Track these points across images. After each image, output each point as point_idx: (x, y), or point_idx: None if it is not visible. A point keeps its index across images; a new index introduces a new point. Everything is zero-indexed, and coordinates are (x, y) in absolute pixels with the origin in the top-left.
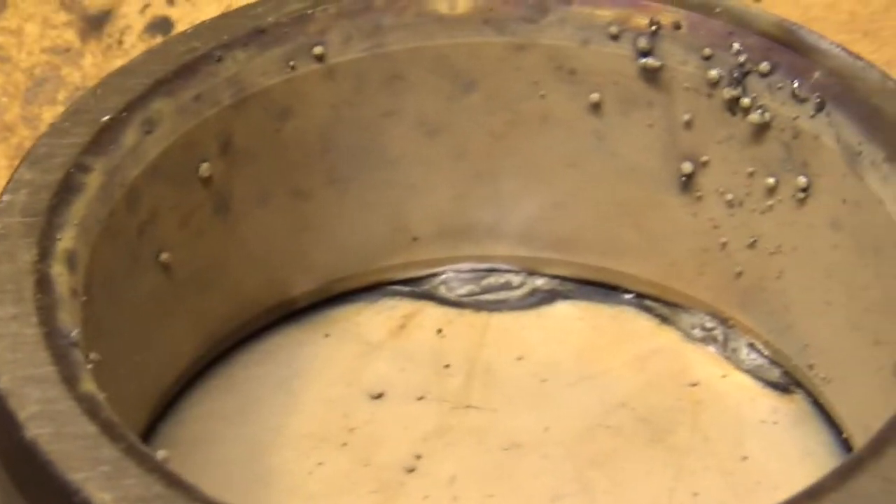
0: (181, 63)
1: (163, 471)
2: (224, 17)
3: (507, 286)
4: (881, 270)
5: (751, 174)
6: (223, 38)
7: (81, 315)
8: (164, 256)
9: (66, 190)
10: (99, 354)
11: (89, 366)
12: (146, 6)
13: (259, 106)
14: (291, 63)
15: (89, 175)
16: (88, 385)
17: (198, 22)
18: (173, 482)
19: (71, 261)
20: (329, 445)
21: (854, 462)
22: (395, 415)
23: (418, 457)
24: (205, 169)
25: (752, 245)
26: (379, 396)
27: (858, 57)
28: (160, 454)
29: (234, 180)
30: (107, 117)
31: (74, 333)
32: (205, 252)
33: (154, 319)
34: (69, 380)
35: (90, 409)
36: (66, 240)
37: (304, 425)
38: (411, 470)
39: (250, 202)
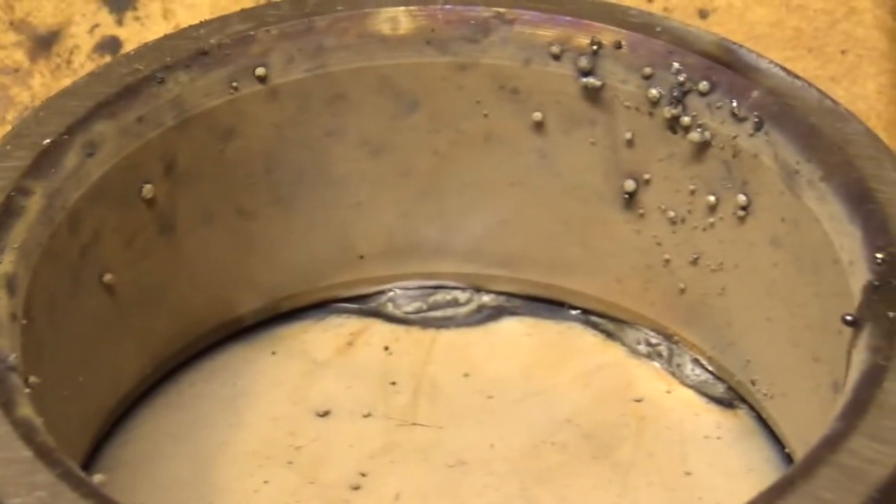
0: (123, 85)
1: (99, 495)
2: (166, 38)
3: (454, 303)
4: (820, 289)
5: (692, 192)
6: (166, 59)
7: (21, 339)
8: (108, 278)
9: (5, 213)
10: (39, 377)
11: (28, 389)
12: (95, 26)
13: (202, 127)
14: (234, 84)
15: (30, 198)
16: (25, 409)
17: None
18: None
19: (10, 285)
20: (275, 463)
21: (785, 481)
22: (341, 432)
23: (364, 474)
24: (148, 190)
25: (694, 262)
26: (325, 414)
27: (797, 76)
28: (97, 478)
29: (179, 201)
30: (48, 140)
31: (12, 358)
32: (150, 273)
33: (98, 341)
34: (6, 404)
35: (26, 433)
36: (5, 263)
37: (251, 443)
38: (357, 488)
39: (195, 222)
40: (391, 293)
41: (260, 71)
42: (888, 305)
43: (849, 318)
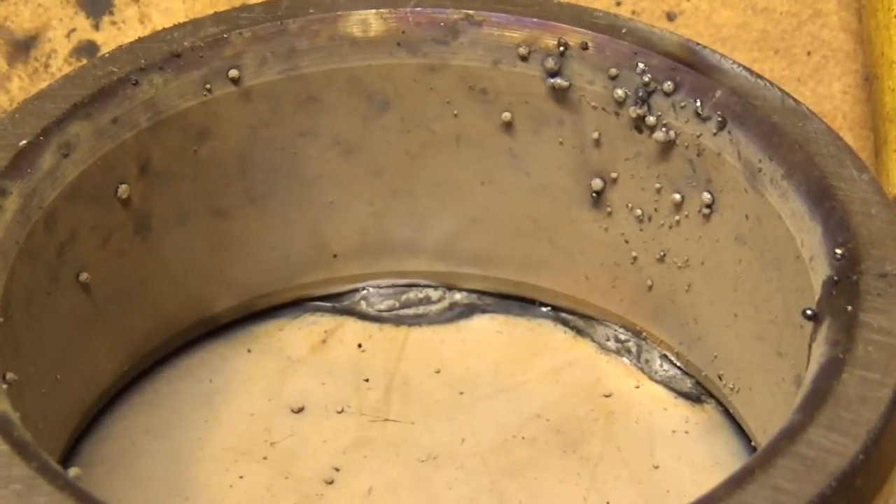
0: (98, 87)
1: (74, 488)
2: (140, 41)
3: (426, 301)
4: (782, 284)
5: (658, 190)
6: (140, 61)
7: None
8: (85, 276)
9: None
10: (16, 374)
11: (5, 385)
12: (72, 31)
13: (176, 128)
14: (208, 86)
15: (7, 198)
16: (2, 405)
17: None
18: (85, 499)
19: None
20: (250, 459)
21: (745, 472)
22: (315, 428)
23: (337, 469)
24: (123, 190)
25: (661, 259)
26: (300, 410)
27: (759, 76)
28: (72, 472)
29: (154, 201)
30: (24, 141)
31: None
32: (126, 271)
33: (75, 338)
34: None
35: (3, 428)
36: None
37: (226, 439)
38: (330, 482)
39: (170, 222)
40: (364, 291)
41: (233, 73)
42: (847, 300)
43: (809, 312)
